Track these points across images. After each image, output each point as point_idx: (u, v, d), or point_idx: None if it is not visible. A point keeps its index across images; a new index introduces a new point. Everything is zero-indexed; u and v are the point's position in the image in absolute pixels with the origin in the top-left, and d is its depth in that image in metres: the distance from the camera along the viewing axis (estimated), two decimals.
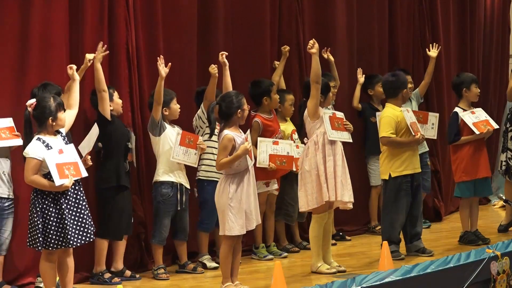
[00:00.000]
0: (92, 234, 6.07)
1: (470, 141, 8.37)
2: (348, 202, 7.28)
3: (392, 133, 7.70)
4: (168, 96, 7.39)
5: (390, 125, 7.71)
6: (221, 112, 6.54)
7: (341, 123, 7.42)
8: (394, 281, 6.15)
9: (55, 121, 5.98)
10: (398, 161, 7.75)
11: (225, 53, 7.57)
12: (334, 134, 7.29)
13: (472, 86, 8.56)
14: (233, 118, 6.51)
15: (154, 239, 7.40)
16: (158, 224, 7.40)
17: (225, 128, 6.49)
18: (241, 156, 6.42)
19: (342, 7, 9.60)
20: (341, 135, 7.37)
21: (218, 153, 6.49)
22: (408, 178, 7.78)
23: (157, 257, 7.41)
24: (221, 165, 6.44)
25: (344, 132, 7.42)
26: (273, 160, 7.91)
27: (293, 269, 7.56)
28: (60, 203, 5.93)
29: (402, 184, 7.76)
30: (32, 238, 5.96)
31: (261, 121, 8.09)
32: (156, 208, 7.41)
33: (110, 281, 7.04)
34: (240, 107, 6.52)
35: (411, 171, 7.78)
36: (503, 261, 6.93)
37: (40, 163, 5.88)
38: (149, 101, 7.50)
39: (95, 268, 7.13)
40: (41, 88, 6.58)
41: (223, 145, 6.43)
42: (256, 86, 8.20)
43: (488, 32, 11.92)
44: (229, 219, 6.42)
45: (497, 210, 10.40)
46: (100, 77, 6.96)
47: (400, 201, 7.76)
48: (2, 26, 6.82)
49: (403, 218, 7.82)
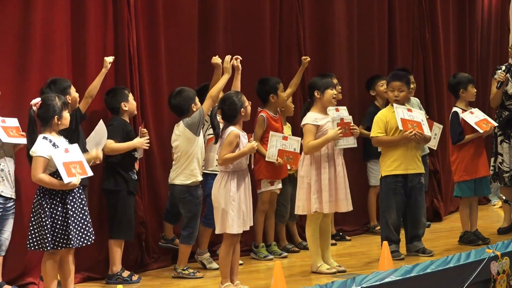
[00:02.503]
0: (92, 236, 6.09)
1: (470, 141, 8.38)
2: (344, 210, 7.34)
3: (379, 133, 7.73)
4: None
5: (377, 125, 7.75)
6: (225, 114, 6.56)
7: (348, 128, 7.35)
8: (394, 281, 6.15)
9: (60, 120, 6.01)
10: (389, 160, 7.76)
11: (239, 58, 7.41)
12: (340, 143, 7.30)
13: (469, 86, 8.57)
14: (237, 118, 6.54)
15: (191, 240, 7.36)
16: (195, 226, 7.37)
17: (230, 126, 6.51)
18: (246, 154, 6.47)
19: (342, 8, 9.60)
20: (346, 141, 7.36)
21: (223, 148, 6.48)
22: (399, 178, 7.75)
23: (186, 258, 7.39)
24: (225, 160, 6.45)
25: (349, 138, 7.39)
26: (281, 155, 7.96)
27: (293, 269, 7.57)
28: (66, 202, 5.95)
29: (391, 183, 7.74)
30: (39, 239, 5.95)
31: (266, 116, 8.09)
32: (195, 210, 7.36)
33: (131, 279, 7.09)
34: (242, 105, 6.54)
35: (402, 171, 7.73)
36: (503, 261, 6.93)
37: (47, 161, 5.90)
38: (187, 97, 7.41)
39: (111, 269, 7.14)
40: (50, 85, 6.58)
41: (228, 141, 6.44)
42: (263, 84, 8.21)
43: (487, 33, 11.92)
44: (230, 217, 6.43)
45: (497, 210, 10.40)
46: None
47: (391, 200, 7.75)
48: (4, 26, 6.81)
49: (396, 217, 7.77)
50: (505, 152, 8.87)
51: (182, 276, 7.33)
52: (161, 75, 7.91)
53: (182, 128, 7.29)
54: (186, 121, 7.27)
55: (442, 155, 10.32)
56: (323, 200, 7.16)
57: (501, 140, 8.87)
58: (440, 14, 10.77)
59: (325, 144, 7.14)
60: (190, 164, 7.30)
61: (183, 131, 7.29)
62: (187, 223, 7.34)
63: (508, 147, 8.92)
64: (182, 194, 7.32)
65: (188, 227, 7.35)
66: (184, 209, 7.34)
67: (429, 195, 10.21)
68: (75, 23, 7.27)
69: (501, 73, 8.90)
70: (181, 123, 7.32)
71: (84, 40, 7.30)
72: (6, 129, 6.49)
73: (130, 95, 7.33)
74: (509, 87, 8.94)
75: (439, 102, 10.55)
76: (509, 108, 8.93)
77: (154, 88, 7.84)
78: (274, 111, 8.21)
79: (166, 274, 7.54)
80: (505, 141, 8.91)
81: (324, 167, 7.18)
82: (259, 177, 8.08)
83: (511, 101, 8.96)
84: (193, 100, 7.38)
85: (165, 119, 7.79)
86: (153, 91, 7.83)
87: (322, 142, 7.13)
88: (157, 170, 7.84)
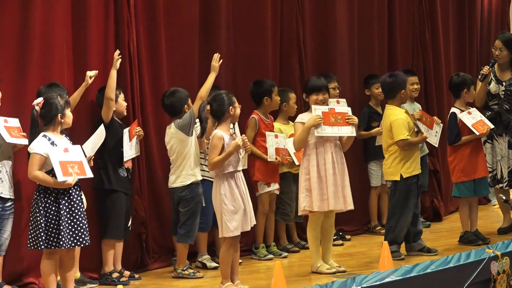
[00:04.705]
0: (86, 239, 6.07)
1: (467, 142, 8.39)
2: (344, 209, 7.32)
3: (408, 135, 7.72)
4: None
5: (404, 127, 7.71)
6: (213, 111, 6.59)
7: (341, 118, 7.21)
8: (394, 281, 6.14)
9: (63, 118, 6.02)
10: (408, 162, 7.76)
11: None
12: (326, 130, 7.11)
13: (472, 88, 8.60)
14: (225, 116, 6.54)
15: (189, 239, 7.36)
16: (193, 224, 7.37)
17: (217, 128, 6.54)
18: (233, 153, 6.45)
19: (342, 8, 9.60)
20: (338, 130, 7.18)
21: (209, 153, 6.52)
22: (415, 178, 7.83)
23: (184, 257, 7.39)
24: (214, 164, 6.46)
25: (343, 127, 7.22)
26: (277, 153, 8.02)
27: (293, 269, 7.56)
28: (59, 202, 5.94)
29: (412, 184, 7.78)
30: (35, 238, 5.96)
31: (258, 118, 8.10)
32: (194, 209, 7.36)
33: (118, 280, 7.06)
34: (231, 104, 6.56)
35: (418, 171, 7.83)
36: (503, 261, 6.93)
37: (44, 159, 5.90)
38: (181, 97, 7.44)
39: (103, 269, 7.15)
40: (48, 87, 6.60)
41: (213, 144, 6.47)
42: (258, 86, 8.21)
43: (487, 33, 11.92)
44: (223, 220, 6.46)
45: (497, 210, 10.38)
46: (112, 84, 6.99)
47: (409, 201, 7.78)
48: (3, 25, 6.82)
49: (410, 219, 7.84)
50: (487, 153, 8.87)
51: (182, 276, 7.33)
52: (161, 75, 7.91)
53: (174, 129, 7.33)
54: (177, 123, 7.30)
55: (442, 155, 10.32)
56: (312, 199, 7.14)
57: (484, 141, 8.86)
58: (440, 14, 10.77)
59: (305, 133, 7.10)
60: (187, 165, 7.33)
61: (175, 133, 7.32)
62: (184, 221, 7.35)
63: (491, 148, 8.91)
64: (182, 192, 7.34)
65: (185, 225, 7.35)
66: (183, 207, 7.35)
67: (429, 195, 10.22)
68: (75, 23, 7.27)
69: (486, 66, 8.91)
70: (172, 124, 7.35)
71: (85, 40, 7.31)
72: (8, 129, 6.49)
73: (121, 96, 7.32)
74: (491, 86, 8.93)
75: (439, 102, 10.54)
76: (493, 108, 8.93)
77: (154, 88, 7.83)
78: (267, 115, 8.22)
79: (166, 274, 7.55)
80: (488, 142, 8.91)
81: (313, 165, 7.16)
82: (253, 179, 8.10)
83: (494, 101, 8.94)
84: (186, 101, 7.41)
85: (165, 119, 7.78)
86: (153, 91, 7.83)
87: (302, 132, 7.11)
88: (157, 170, 7.85)
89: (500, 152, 8.88)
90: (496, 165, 8.89)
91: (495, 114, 8.88)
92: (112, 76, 7.01)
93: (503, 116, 8.85)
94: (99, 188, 7.17)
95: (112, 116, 7.15)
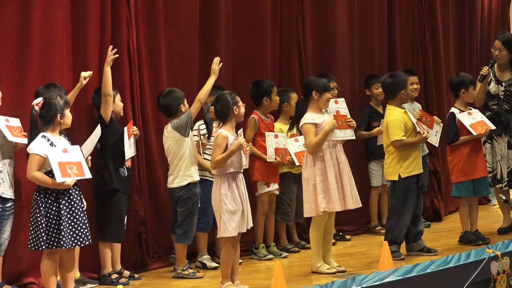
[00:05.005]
0: (87, 238, 6.07)
1: (466, 142, 8.39)
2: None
3: (403, 136, 7.71)
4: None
5: (400, 128, 7.71)
6: (217, 112, 6.59)
7: (344, 121, 7.38)
8: (394, 281, 6.15)
9: (62, 118, 6.02)
10: (407, 162, 7.76)
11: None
12: (338, 134, 7.30)
13: (470, 88, 8.60)
14: (229, 116, 6.55)
15: (187, 239, 7.36)
16: (190, 224, 7.37)
17: (221, 128, 6.55)
18: (235, 152, 6.45)
19: (342, 8, 9.60)
20: (344, 133, 7.36)
21: (213, 151, 6.52)
22: (415, 178, 7.81)
23: (183, 257, 7.39)
24: (216, 162, 6.46)
25: (347, 130, 7.41)
26: (277, 153, 8.02)
27: (293, 269, 7.56)
28: (59, 202, 5.94)
29: (410, 184, 7.78)
30: (36, 239, 5.95)
31: (258, 118, 8.11)
32: (191, 209, 7.36)
33: (117, 281, 7.05)
34: (235, 104, 6.56)
35: (418, 171, 7.81)
36: (503, 261, 6.93)
37: (43, 159, 5.90)
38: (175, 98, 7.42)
39: (102, 271, 7.16)
40: (46, 88, 6.59)
41: (217, 143, 6.48)
42: (257, 86, 8.21)
43: (487, 33, 11.92)
44: (222, 220, 6.46)
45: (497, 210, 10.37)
46: (108, 81, 6.97)
47: (408, 201, 7.78)
48: (3, 26, 6.82)
49: (410, 219, 7.83)
50: (487, 153, 8.87)
51: (182, 276, 7.33)
52: (161, 75, 7.91)
53: (171, 130, 7.34)
54: (174, 123, 7.31)
55: (442, 155, 10.32)
56: (332, 199, 7.17)
57: (484, 141, 8.86)
58: (440, 14, 10.76)
59: (325, 137, 7.14)
60: (184, 165, 7.34)
61: (172, 133, 7.33)
62: (181, 221, 7.36)
63: (491, 148, 8.91)
64: (179, 192, 7.34)
65: (183, 225, 7.36)
66: (180, 207, 7.36)
67: (429, 195, 10.22)
68: (75, 22, 7.27)
69: (485, 67, 8.90)
70: (169, 125, 7.36)
71: (84, 40, 7.31)
72: (10, 129, 6.50)
73: (118, 96, 7.30)
74: (491, 87, 8.93)
75: (439, 102, 10.54)
76: (492, 108, 8.93)
77: (154, 88, 7.83)
78: (266, 115, 8.22)
79: (166, 274, 7.55)
80: (488, 142, 8.91)
81: (329, 166, 7.18)
82: (253, 179, 8.10)
83: (493, 101, 8.94)
84: (182, 100, 7.40)
85: (165, 119, 7.77)
86: (153, 91, 7.82)
87: (322, 136, 7.14)
88: (157, 170, 7.85)
89: (499, 152, 8.88)
90: (496, 165, 8.89)
91: (494, 114, 8.88)
92: (107, 73, 6.97)
93: (503, 116, 8.85)
94: (100, 189, 7.16)
95: (111, 115, 7.15)
